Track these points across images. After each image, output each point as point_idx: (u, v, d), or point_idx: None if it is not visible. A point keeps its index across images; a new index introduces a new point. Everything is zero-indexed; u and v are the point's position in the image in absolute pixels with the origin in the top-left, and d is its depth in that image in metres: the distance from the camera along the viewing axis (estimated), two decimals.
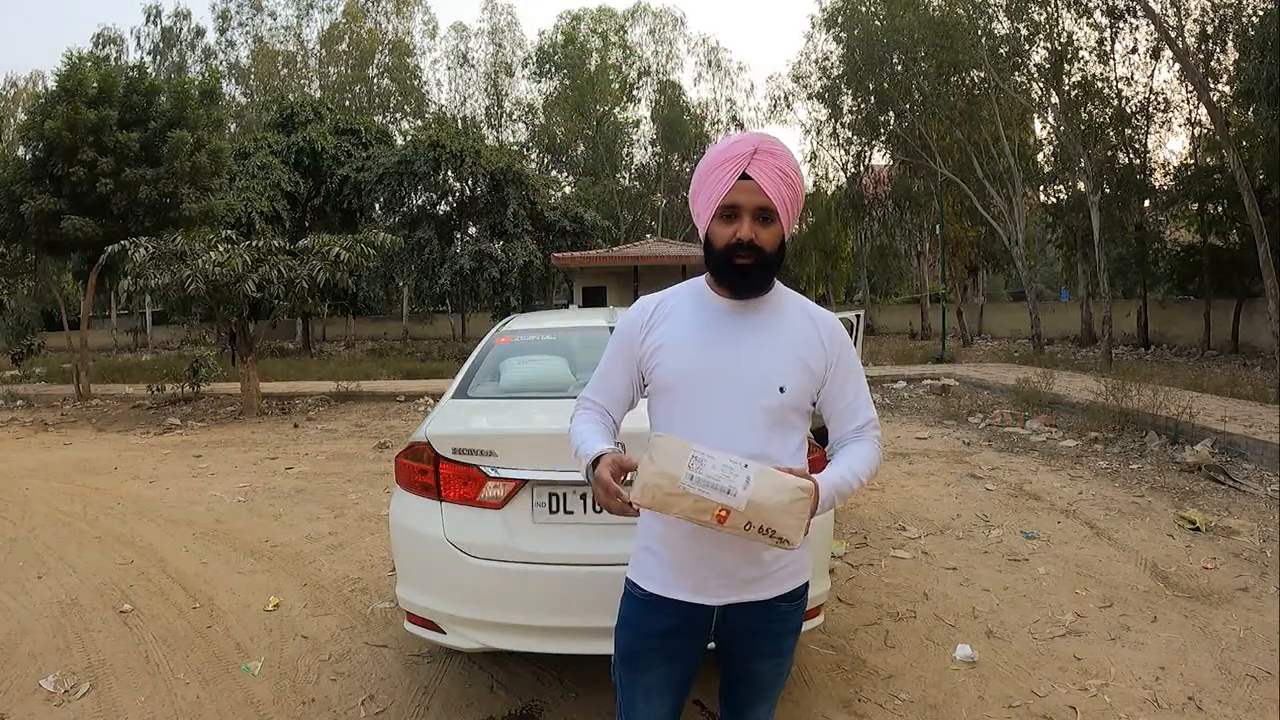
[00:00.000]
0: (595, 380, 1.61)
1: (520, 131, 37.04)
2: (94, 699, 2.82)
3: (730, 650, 1.56)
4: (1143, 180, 18.04)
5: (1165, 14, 15.04)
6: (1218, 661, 2.96)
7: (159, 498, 6.00)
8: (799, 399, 1.47)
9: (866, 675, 2.91)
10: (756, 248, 1.42)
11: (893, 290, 40.72)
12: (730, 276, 1.46)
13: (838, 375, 1.51)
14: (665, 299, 1.57)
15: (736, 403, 1.43)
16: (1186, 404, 7.41)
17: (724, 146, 1.46)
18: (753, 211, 1.41)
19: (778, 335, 1.48)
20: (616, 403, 1.58)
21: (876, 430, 1.56)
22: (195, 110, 13.34)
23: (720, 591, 1.46)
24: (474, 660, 3.01)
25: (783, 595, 1.51)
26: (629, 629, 1.55)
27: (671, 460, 1.22)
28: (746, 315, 1.49)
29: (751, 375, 1.44)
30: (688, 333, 1.49)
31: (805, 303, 1.57)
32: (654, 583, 1.50)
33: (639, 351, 1.53)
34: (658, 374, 1.49)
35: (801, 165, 17.32)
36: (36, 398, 13.06)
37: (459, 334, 28.74)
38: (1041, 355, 16.88)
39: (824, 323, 1.53)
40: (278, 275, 10.34)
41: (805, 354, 1.48)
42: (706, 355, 1.46)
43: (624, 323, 1.58)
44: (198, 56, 36.38)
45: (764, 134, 1.48)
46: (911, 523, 4.89)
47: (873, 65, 20.73)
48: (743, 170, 1.40)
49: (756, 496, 1.22)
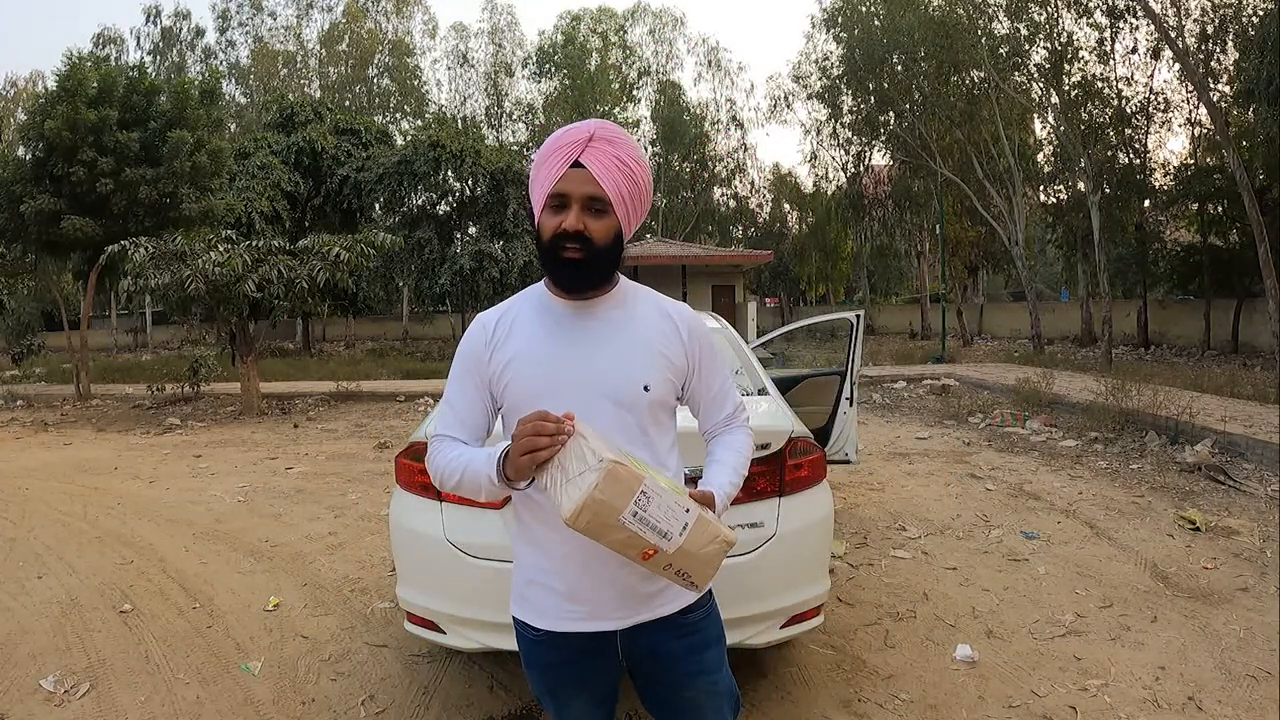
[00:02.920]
0: (443, 414, 1.44)
1: (520, 131, 37.06)
2: (94, 699, 2.82)
3: (652, 680, 1.42)
4: (1143, 180, 18.04)
5: (1165, 14, 15.05)
6: (1218, 661, 2.96)
7: (159, 498, 6.00)
8: (665, 395, 1.38)
9: (866, 675, 2.91)
10: (585, 239, 1.29)
11: (893, 290, 40.73)
12: (558, 271, 1.33)
13: (703, 367, 1.43)
14: (505, 312, 1.44)
15: (602, 409, 1.32)
16: (1186, 404, 7.41)
17: (560, 133, 1.34)
18: (582, 201, 1.29)
19: (633, 332, 1.38)
20: (473, 434, 1.42)
21: (745, 413, 1.51)
22: (195, 110, 13.34)
23: (620, 613, 1.35)
24: (474, 660, 3.01)
25: (689, 606, 1.40)
26: (535, 669, 1.45)
27: (619, 493, 1.14)
28: (595, 316, 1.38)
29: (613, 378, 1.34)
30: (536, 344, 1.37)
31: (659, 297, 1.47)
32: (545, 618, 1.38)
33: (487, 373, 1.39)
34: (510, 393, 1.37)
35: (801, 165, 16.55)
36: (36, 398, 13.07)
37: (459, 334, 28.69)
38: (1041, 355, 16.88)
39: (681, 316, 1.43)
40: (278, 275, 10.34)
41: (665, 349, 1.38)
42: (560, 364, 1.34)
43: (466, 345, 1.43)
44: (198, 56, 36.38)
45: (606, 122, 1.36)
46: (911, 523, 4.89)
47: (873, 65, 20.75)
48: (575, 158, 1.29)
49: (689, 545, 1.19)
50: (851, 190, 26.02)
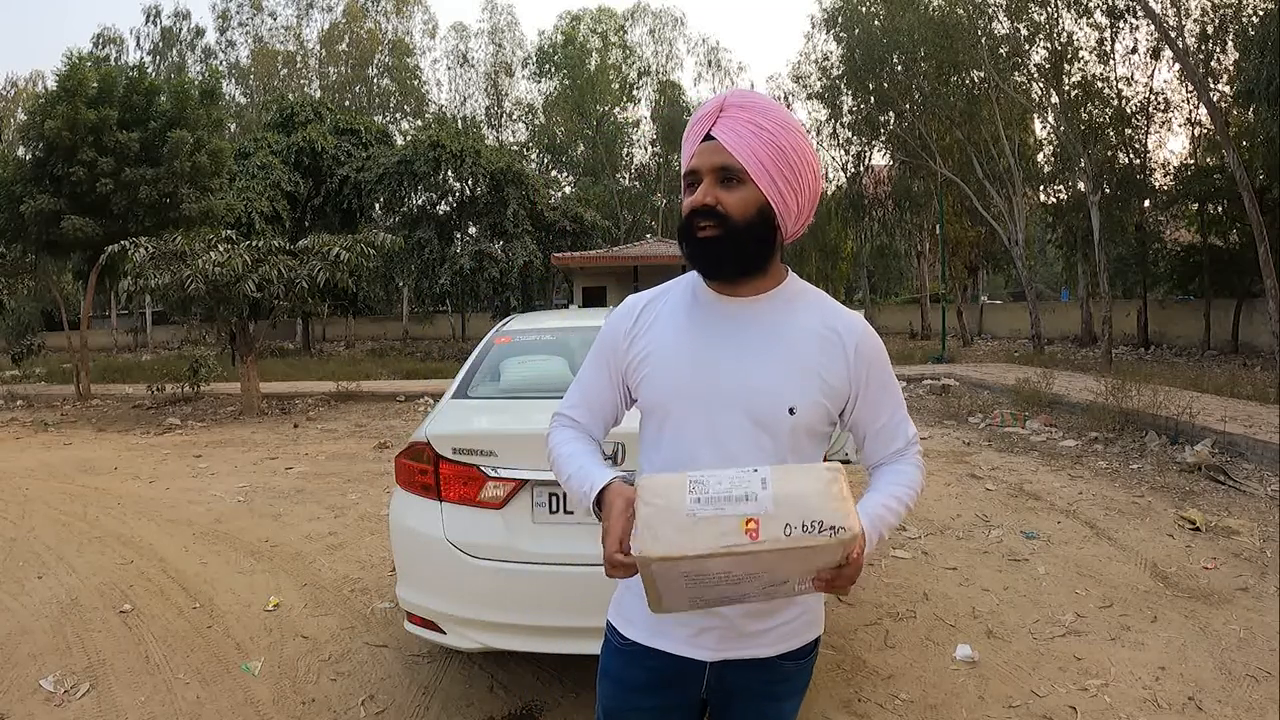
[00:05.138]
0: (573, 393, 1.34)
1: (520, 131, 37.08)
2: (94, 699, 2.82)
3: (722, 714, 1.31)
4: (1143, 180, 18.05)
5: (1165, 14, 15.04)
6: (1218, 661, 2.96)
7: (159, 498, 6.00)
8: (813, 421, 1.20)
9: (866, 675, 2.91)
10: (720, 215, 1.15)
11: (893, 290, 40.75)
12: (693, 251, 1.20)
13: (870, 394, 1.24)
14: (656, 297, 1.31)
15: (736, 427, 1.18)
16: (1186, 404, 7.40)
17: (697, 110, 1.23)
18: (712, 173, 1.17)
19: (789, 342, 1.21)
20: (599, 420, 1.33)
21: (918, 447, 1.31)
22: (195, 110, 13.35)
23: (716, 645, 1.22)
24: (474, 660, 3.01)
25: (789, 653, 1.25)
26: (609, 681, 1.31)
27: (670, 493, 1.00)
28: (749, 314, 1.22)
29: (754, 392, 1.18)
30: (678, 339, 1.24)
31: (830, 305, 1.27)
32: (637, 628, 1.25)
33: (624, 361, 1.28)
34: (644, 391, 1.25)
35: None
36: (36, 398, 13.06)
37: (459, 334, 28.77)
38: (1041, 355, 16.88)
39: (851, 331, 1.23)
40: (278, 275, 10.34)
41: (822, 367, 1.20)
42: (700, 367, 1.21)
43: (608, 327, 1.32)
44: (197, 56, 36.43)
45: (743, 89, 1.24)
46: (911, 523, 4.89)
47: (873, 65, 20.74)
48: (708, 131, 1.17)
49: (782, 491, 0.98)
50: (851, 190, 26.00)
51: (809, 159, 1.19)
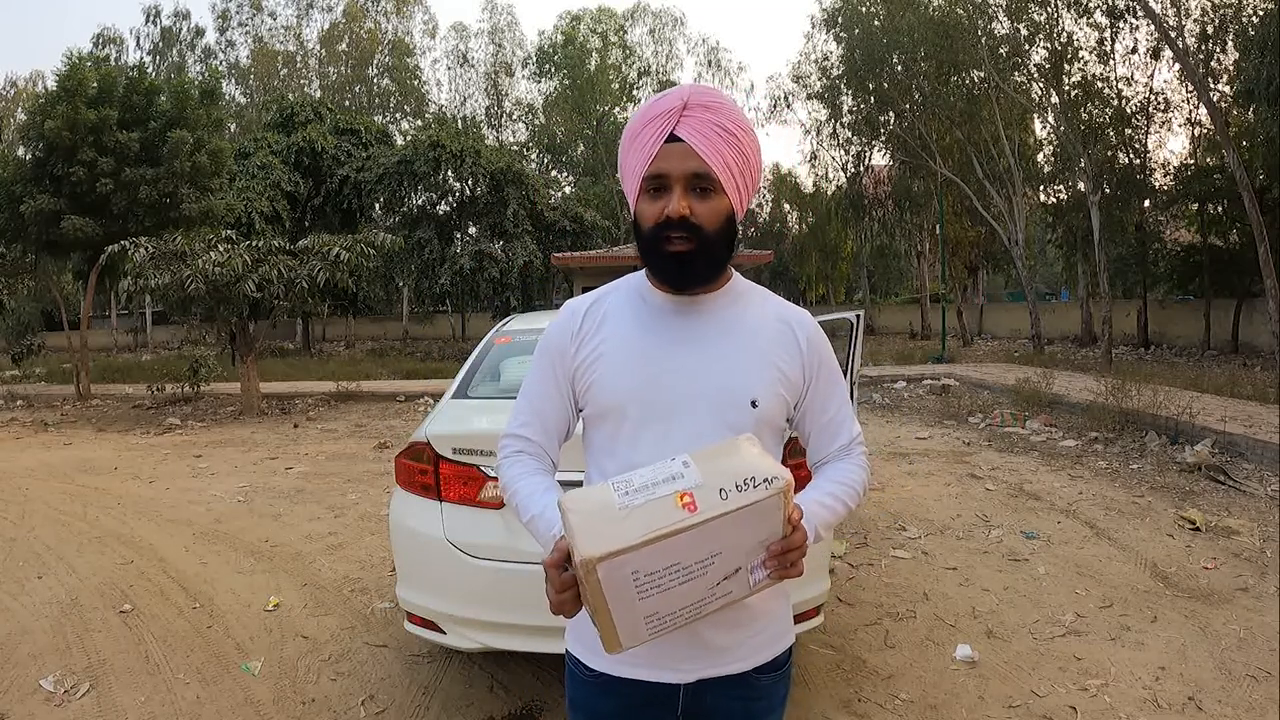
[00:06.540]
0: (521, 409, 1.26)
1: (520, 131, 37.07)
2: (94, 699, 2.82)
3: None
4: (1143, 180, 18.05)
5: (1165, 14, 15.04)
6: (1218, 661, 2.96)
7: (159, 498, 6.00)
8: (774, 415, 1.18)
9: (866, 675, 2.91)
10: (693, 226, 1.10)
11: (893, 290, 40.77)
12: (663, 266, 1.14)
13: (820, 387, 1.23)
14: (599, 300, 1.26)
15: (699, 424, 1.14)
16: (1186, 404, 7.41)
17: (649, 103, 1.14)
18: (684, 180, 1.10)
19: (744, 337, 1.19)
20: (553, 435, 1.26)
21: (863, 446, 1.28)
22: (195, 110, 13.36)
23: (687, 665, 1.16)
24: (474, 660, 3.01)
25: (763, 665, 1.20)
26: (579, 713, 1.24)
27: (596, 497, 0.96)
28: (701, 315, 1.19)
29: (715, 388, 1.15)
30: (629, 340, 1.19)
31: (777, 300, 1.27)
32: (601, 657, 1.17)
33: (571, 366, 1.22)
34: (595, 394, 1.19)
35: (801, 165, 16.24)
36: (36, 398, 13.06)
37: (459, 334, 28.79)
38: (1041, 355, 16.88)
39: (801, 324, 1.23)
40: (278, 275, 10.34)
41: (779, 359, 1.19)
42: (655, 367, 1.16)
43: (550, 333, 1.25)
44: (197, 56, 36.39)
45: (701, 85, 1.16)
46: (911, 523, 4.89)
47: (873, 65, 20.75)
48: (670, 130, 1.09)
49: (706, 465, 0.97)
50: (851, 190, 26.00)
51: (759, 159, 1.18)
